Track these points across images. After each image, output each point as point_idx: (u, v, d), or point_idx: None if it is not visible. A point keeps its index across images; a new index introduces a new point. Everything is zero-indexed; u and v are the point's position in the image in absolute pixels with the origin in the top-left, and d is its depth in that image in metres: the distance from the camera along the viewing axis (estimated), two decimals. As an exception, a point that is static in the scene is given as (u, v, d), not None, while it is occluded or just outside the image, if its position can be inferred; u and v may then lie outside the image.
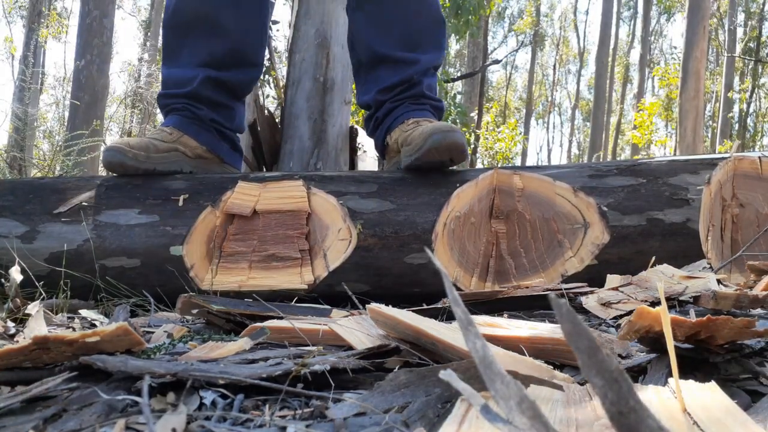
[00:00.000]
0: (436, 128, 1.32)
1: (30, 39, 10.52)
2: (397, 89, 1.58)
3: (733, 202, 1.38)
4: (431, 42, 1.63)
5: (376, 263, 1.30)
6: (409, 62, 1.58)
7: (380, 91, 1.60)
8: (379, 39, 1.60)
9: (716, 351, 0.59)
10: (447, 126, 1.33)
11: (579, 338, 0.29)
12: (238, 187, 1.34)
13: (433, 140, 1.30)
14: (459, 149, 1.33)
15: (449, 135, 1.30)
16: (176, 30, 1.60)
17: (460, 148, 1.32)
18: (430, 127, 1.33)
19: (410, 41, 1.60)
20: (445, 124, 1.35)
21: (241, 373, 0.54)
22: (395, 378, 0.52)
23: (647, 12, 21.14)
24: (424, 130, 1.34)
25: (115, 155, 1.38)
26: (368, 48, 1.63)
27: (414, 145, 1.36)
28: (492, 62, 11.46)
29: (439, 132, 1.31)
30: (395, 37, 1.59)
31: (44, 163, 3.98)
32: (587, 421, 0.41)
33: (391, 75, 1.59)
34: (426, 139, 1.31)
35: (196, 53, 1.58)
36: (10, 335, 0.89)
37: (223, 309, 0.91)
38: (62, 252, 1.28)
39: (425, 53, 1.60)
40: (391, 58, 1.59)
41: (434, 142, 1.30)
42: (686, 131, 9.53)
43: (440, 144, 1.30)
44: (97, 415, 0.47)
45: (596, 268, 1.29)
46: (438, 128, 1.32)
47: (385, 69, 1.60)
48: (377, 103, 1.62)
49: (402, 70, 1.58)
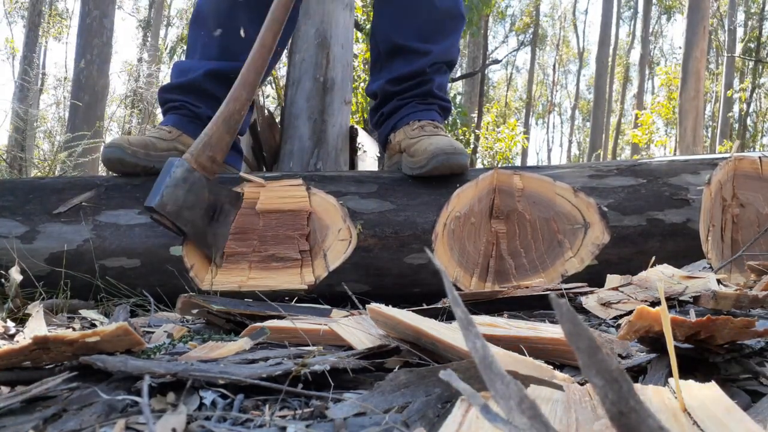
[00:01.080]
0: (439, 149, 1.35)
1: (30, 39, 10.53)
2: (407, 83, 1.59)
3: (734, 202, 1.38)
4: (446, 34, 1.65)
5: (376, 263, 1.30)
6: (422, 53, 1.59)
7: (390, 81, 1.61)
8: (398, 30, 1.63)
9: (716, 351, 0.59)
10: (450, 148, 1.35)
11: (579, 338, 0.29)
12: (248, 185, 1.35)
13: (437, 161, 1.34)
14: (461, 171, 1.38)
15: (452, 158, 1.34)
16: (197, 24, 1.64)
17: (462, 170, 1.38)
18: (434, 148, 1.36)
19: (426, 32, 1.62)
20: (449, 144, 1.37)
21: (241, 373, 0.54)
22: (395, 378, 0.52)
23: (647, 12, 21.14)
24: (428, 149, 1.37)
25: (115, 152, 1.39)
26: (386, 38, 1.65)
27: (417, 161, 1.39)
28: (492, 62, 11.47)
29: (442, 154, 1.34)
30: (413, 28, 1.62)
31: (44, 163, 3.98)
32: (587, 421, 0.41)
33: (403, 65, 1.61)
34: (429, 159, 1.35)
35: (209, 48, 1.60)
36: (10, 335, 0.89)
37: (223, 309, 0.91)
38: (62, 252, 1.28)
39: (438, 44, 1.62)
40: (406, 49, 1.61)
41: (438, 163, 1.34)
42: (686, 131, 9.53)
43: (442, 165, 1.35)
44: (97, 415, 0.47)
45: (596, 268, 1.29)
46: (442, 150, 1.35)
47: (398, 59, 1.63)
48: (384, 93, 1.63)
49: (414, 60, 1.59)
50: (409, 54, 1.61)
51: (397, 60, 1.63)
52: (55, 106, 13.94)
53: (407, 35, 1.62)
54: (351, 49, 3.38)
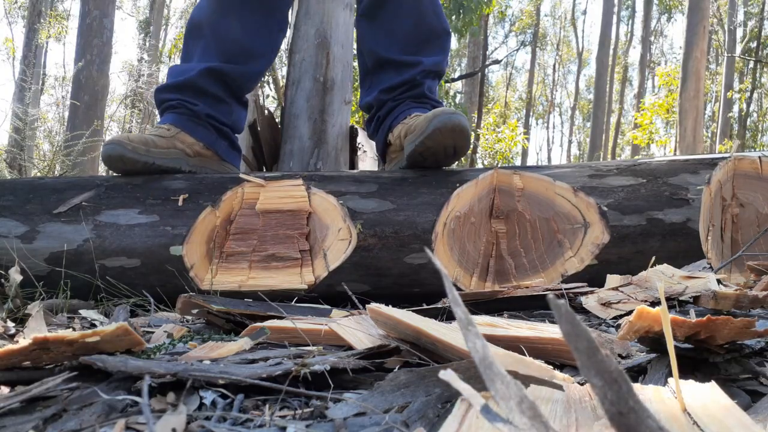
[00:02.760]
0: (439, 111, 1.35)
1: (30, 39, 10.52)
2: (399, 89, 1.62)
3: (733, 202, 1.38)
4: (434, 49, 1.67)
5: (376, 263, 1.30)
6: (412, 64, 1.62)
7: (382, 90, 1.64)
8: (384, 45, 1.66)
9: (716, 351, 0.59)
10: (450, 109, 1.35)
11: (578, 339, 0.29)
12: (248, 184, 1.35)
13: (438, 121, 1.31)
14: (463, 132, 1.33)
15: (453, 117, 1.32)
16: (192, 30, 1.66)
17: (464, 130, 1.33)
18: (434, 111, 1.36)
19: (413, 47, 1.65)
20: (448, 108, 1.37)
21: (241, 373, 0.54)
22: (395, 378, 0.52)
23: (647, 12, 21.13)
24: (428, 115, 1.36)
25: (115, 148, 1.39)
26: (373, 53, 1.68)
27: (418, 129, 1.37)
28: (492, 62, 11.45)
29: (443, 114, 1.32)
30: (400, 44, 1.64)
31: (44, 163, 3.98)
32: (587, 421, 0.41)
33: (393, 76, 1.63)
34: (430, 121, 1.32)
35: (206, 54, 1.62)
36: (10, 335, 0.89)
37: (223, 309, 0.91)
38: (62, 252, 1.28)
39: (427, 57, 1.65)
40: (394, 61, 1.64)
41: (439, 123, 1.30)
42: (686, 131, 9.53)
43: (445, 125, 1.30)
44: (97, 415, 0.47)
45: (596, 268, 1.29)
46: (442, 111, 1.34)
47: (388, 71, 1.65)
48: (379, 102, 1.64)
49: (405, 71, 1.62)
50: (399, 65, 1.63)
51: (388, 70, 1.65)
52: (55, 106, 13.93)
53: (394, 50, 1.64)
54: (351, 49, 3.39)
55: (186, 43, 1.69)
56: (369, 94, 1.69)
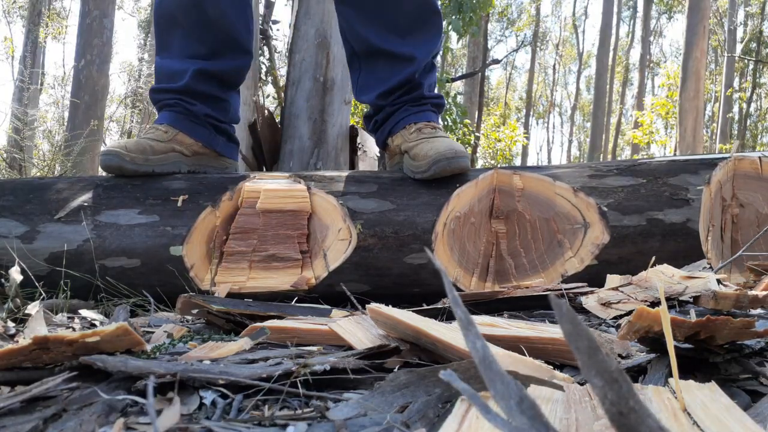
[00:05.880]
0: (440, 155, 1.35)
1: (29, 39, 10.52)
2: (397, 93, 1.56)
3: (733, 202, 1.38)
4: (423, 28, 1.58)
5: (376, 263, 1.30)
6: (407, 59, 1.55)
7: (380, 95, 1.58)
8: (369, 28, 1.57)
9: (716, 351, 0.59)
10: (451, 152, 1.35)
11: (579, 338, 0.29)
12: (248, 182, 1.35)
13: (438, 167, 1.35)
14: (463, 170, 1.38)
15: (453, 163, 1.35)
16: (164, 21, 1.60)
17: (463, 171, 1.38)
18: (434, 153, 1.36)
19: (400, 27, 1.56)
20: (448, 147, 1.36)
21: (241, 373, 0.54)
22: (395, 378, 0.52)
23: (647, 12, 21.13)
24: (429, 154, 1.37)
25: (113, 159, 1.39)
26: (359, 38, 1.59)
27: (419, 165, 1.39)
28: (492, 62, 11.43)
29: (444, 159, 1.34)
30: (385, 25, 1.56)
31: (44, 163, 3.98)
32: (587, 421, 0.41)
33: (389, 74, 1.56)
34: (430, 165, 1.36)
35: (186, 44, 1.58)
36: (10, 335, 0.89)
37: (223, 309, 0.91)
38: (62, 252, 1.28)
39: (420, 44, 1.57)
40: (386, 52, 1.56)
41: (439, 169, 1.35)
42: (686, 131, 9.53)
43: (444, 170, 1.35)
44: (97, 415, 0.47)
45: (596, 268, 1.29)
46: (442, 155, 1.35)
47: (382, 66, 1.57)
48: (376, 107, 1.61)
49: (400, 67, 1.55)
50: (393, 58, 1.55)
51: (381, 65, 1.58)
52: (55, 106, 13.93)
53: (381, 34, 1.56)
54: (351, 49, 3.37)
55: (160, 33, 1.62)
56: (364, 92, 1.63)
